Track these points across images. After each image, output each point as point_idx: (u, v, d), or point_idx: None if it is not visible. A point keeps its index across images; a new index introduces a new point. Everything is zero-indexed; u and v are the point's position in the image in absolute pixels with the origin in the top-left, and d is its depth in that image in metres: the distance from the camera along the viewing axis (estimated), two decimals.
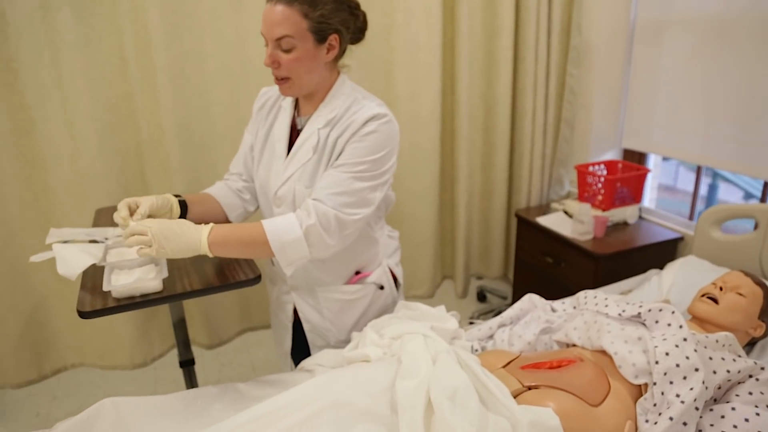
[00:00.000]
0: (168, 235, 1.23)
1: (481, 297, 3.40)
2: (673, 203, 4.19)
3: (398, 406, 1.14)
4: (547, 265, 2.60)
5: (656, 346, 1.26)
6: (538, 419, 1.06)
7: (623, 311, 1.42)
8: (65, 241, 1.60)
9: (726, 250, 2.04)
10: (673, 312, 1.35)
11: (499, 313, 1.65)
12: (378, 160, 1.36)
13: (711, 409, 1.25)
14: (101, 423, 1.20)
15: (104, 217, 1.94)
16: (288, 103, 1.52)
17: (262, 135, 1.54)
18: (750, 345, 1.58)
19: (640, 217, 2.63)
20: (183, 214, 1.49)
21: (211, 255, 1.29)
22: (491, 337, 1.59)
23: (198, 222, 1.33)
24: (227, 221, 1.61)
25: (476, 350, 1.54)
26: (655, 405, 1.21)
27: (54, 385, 2.70)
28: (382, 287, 1.63)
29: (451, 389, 1.09)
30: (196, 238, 1.26)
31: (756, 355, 1.56)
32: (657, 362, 1.23)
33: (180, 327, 1.87)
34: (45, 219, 2.19)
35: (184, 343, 1.89)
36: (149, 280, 1.36)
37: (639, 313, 1.37)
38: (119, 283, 1.35)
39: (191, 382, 1.93)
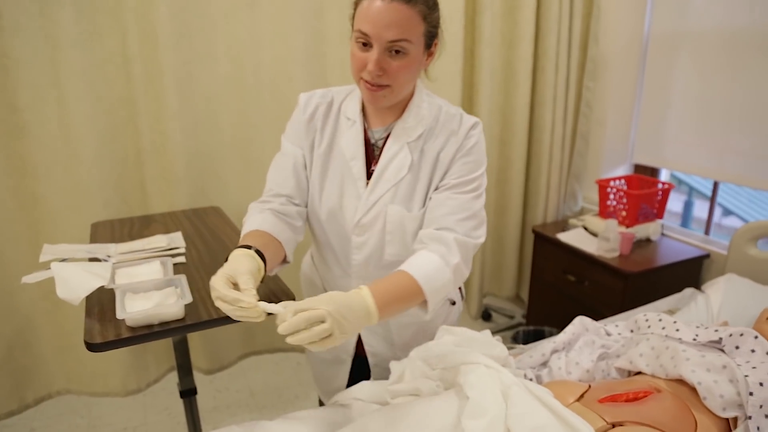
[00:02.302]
0: (344, 314, 0.94)
1: (486, 316, 3.26)
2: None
3: None
4: (568, 284, 2.48)
5: (746, 375, 1.13)
6: None
7: (697, 336, 1.29)
8: (63, 259, 1.43)
9: (764, 267, 1.95)
10: (756, 336, 1.23)
11: (514, 331, 1.50)
12: (484, 173, 1.25)
13: None
14: None
15: (102, 232, 1.76)
16: (353, 112, 1.28)
17: (323, 152, 1.29)
18: None
19: (662, 234, 2.54)
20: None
21: (375, 323, 1.02)
22: (545, 364, 1.45)
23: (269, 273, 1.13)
24: (284, 262, 1.28)
25: (531, 379, 1.39)
26: None
27: (33, 415, 2.47)
28: (453, 302, 1.47)
29: (539, 430, 0.94)
30: (364, 308, 0.99)
31: None
32: (751, 393, 1.10)
33: (181, 352, 1.69)
34: (34, 232, 1.99)
35: (185, 370, 1.71)
36: (170, 306, 1.19)
37: (720, 339, 1.25)
38: (135, 308, 1.18)
39: (192, 414, 1.75)
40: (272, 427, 1.27)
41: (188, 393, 1.74)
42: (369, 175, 1.26)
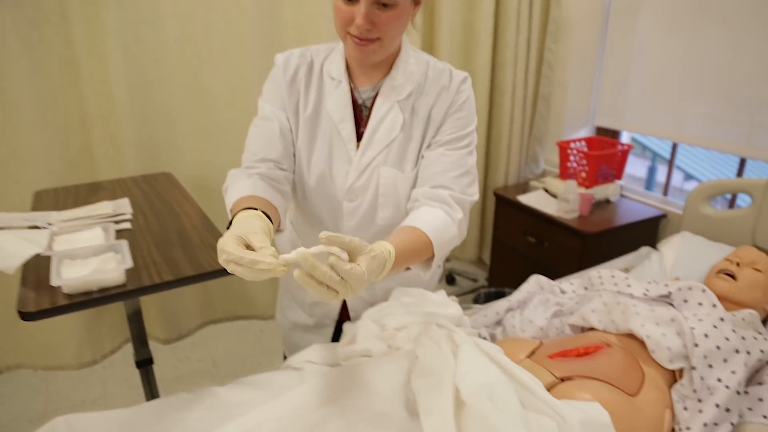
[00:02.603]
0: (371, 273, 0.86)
1: (450, 280, 3.28)
2: None
3: (420, 409, 0.98)
4: (528, 246, 2.50)
5: (693, 328, 1.15)
6: (588, 418, 0.92)
7: (647, 291, 1.30)
8: (0, 228, 1.36)
9: (718, 225, 1.98)
10: (703, 290, 1.24)
11: (474, 296, 1.50)
12: (475, 129, 1.21)
13: (746, 392, 1.16)
14: None
15: (45, 201, 1.68)
16: (337, 71, 1.20)
17: (309, 116, 1.21)
18: (762, 322, 1.51)
19: (621, 195, 2.56)
20: None
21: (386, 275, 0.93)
22: (499, 323, 1.45)
23: None
24: (278, 231, 1.18)
25: (484, 338, 1.39)
26: (695, 391, 1.10)
27: None
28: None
29: (487, 387, 0.94)
30: (383, 266, 0.90)
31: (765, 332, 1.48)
32: (696, 345, 1.12)
33: (135, 322, 1.65)
34: None
35: (140, 340, 1.67)
36: (109, 271, 1.14)
37: (669, 293, 1.26)
38: (72, 275, 1.13)
39: (149, 384, 1.71)
40: (223, 393, 1.24)
41: (144, 363, 1.70)
42: (359, 137, 1.21)
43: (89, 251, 1.22)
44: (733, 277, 1.42)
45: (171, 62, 2.05)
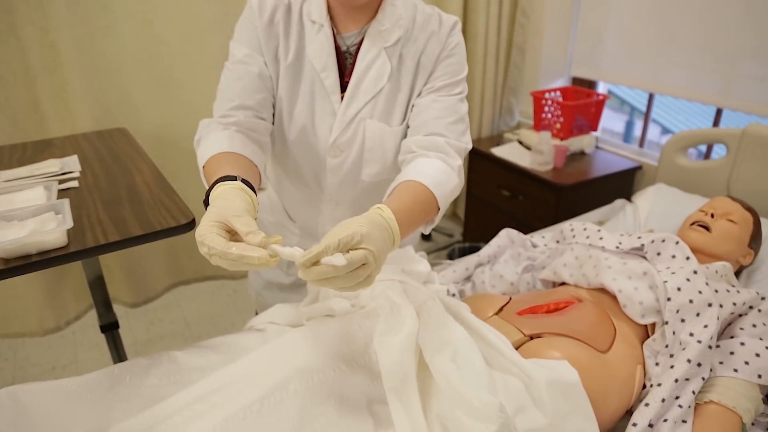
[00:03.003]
0: (380, 248, 0.77)
1: (425, 236, 3.24)
2: None
3: (383, 370, 0.94)
4: (502, 199, 2.45)
5: (666, 281, 1.11)
6: (556, 377, 0.88)
7: (620, 243, 1.26)
8: None
9: (693, 176, 1.95)
10: (677, 242, 1.20)
11: (448, 251, 1.45)
12: (466, 75, 1.16)
13: (718, 345, 1.13)
14: None
15: None
16: (318, 14, 1.08)
17: (291, 64, 1.10)
18: (735, 274, 1.49)
19: (597, 147, 2.51)
20: None
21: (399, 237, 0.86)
22: (468, 278, 1.41)
23: None
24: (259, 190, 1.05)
25: (453, 294, 1.35)
26: (666, 346, 1.07)
27: None
28: None
29: (450, 346, 0.89)
30: (391, 237, 0.83)
31: (742, 284, 1.46)
32: (669, 299, 1.08)
33: (97, 286, 1.58)
34: None
35: (104, 304, 1.61)
36: (48, 232, 1.06)
37: (642, 246, 1.22)
38: (6, 238, 1.04)
39: (116, 348, 1.66)
40: (181, 358, 1.18)
41: (109, 327, 1.65)
42: (343, 87, 1.11)
43: (27, 212, 1.13)
44: (707, 228, 1.38)
45: (119, 9, 1.90)
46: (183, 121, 2.06)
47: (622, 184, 2.34)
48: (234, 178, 0.87)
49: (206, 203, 0.86)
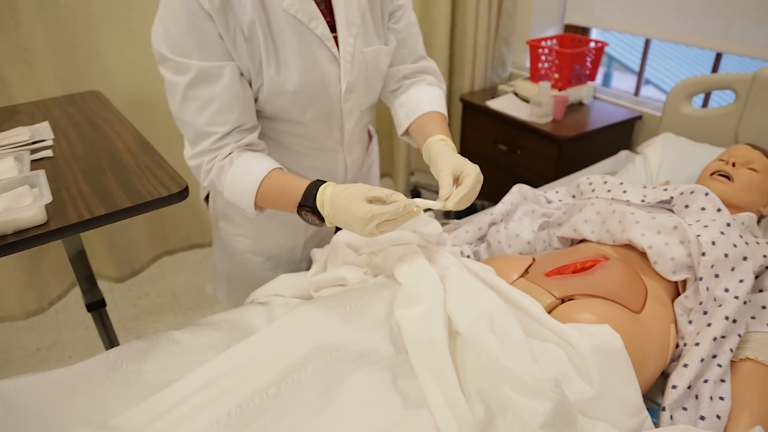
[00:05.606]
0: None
1: (416, 194, 3.15)
2: None
3: (408, 343, 0.86)
4: (500, 154, 2.36)
5: (699, 235, 1.04)
6: (600, 343, 0.81)
7: (645, 197, 1.19)
8: None
9: (698, 125, 1.87)
10: (706, 194, 1.13)
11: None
12: None
13: (749, 300, 1.08)
14: None
15: None
16: None
17: (264, 34, 0.97)
18: None
19: (594, 97, 2.42)
20: None
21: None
22: (482, 239, 1.33)
23: None
24: None
25: (468, 256, 1.27)
26: (700, 303, 1.01)
27: None
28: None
29: (486, 316, 0.81)
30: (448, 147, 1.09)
31: (762, 235, 1.41)
32: (704, 254, 1.02)
33: (79, 263, 1.47)
34: None
35: (87, 281, 1.50)
36: (24, 209, 0.95)
37: (671, 198, 1.14)
38: None
39: (104, 326, 1.56)
40: (181, 338, 1.09)
41: (95, 306, 1.54)
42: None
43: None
44: (729, 178, 1.32)
45: None
46: (160, 80, 1.89)
47: (622, 136, 2.26)
48: (320, 182, 0.95)
49: (305, 208, 0.94)
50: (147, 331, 2.22)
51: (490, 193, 1.92)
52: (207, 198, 1.33)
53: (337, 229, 1.32)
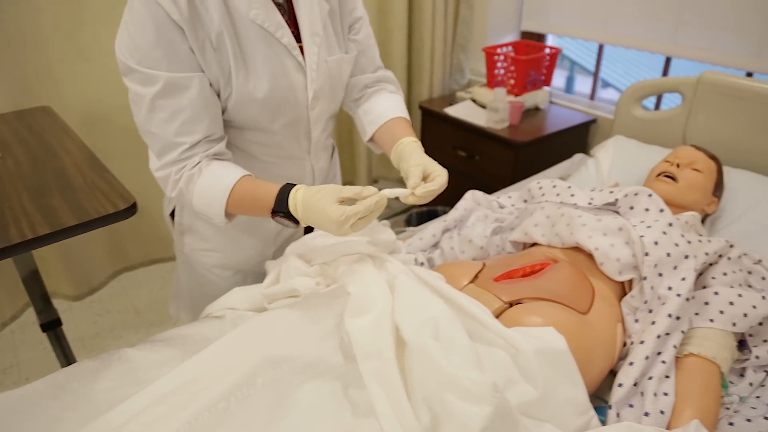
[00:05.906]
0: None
1: None
2: None
3: (358, 353, 0.87)
4: (459, 160, 2.39)
5: (642, 236, 1.07)
6: (544, 345, 0.83)
7: (592, 199, 1.22)
8: None
9: (649, 127, 1.93)
10: (650, 195, 1.16)
11: (406, 217, 1.39)
12: None
13: (693, 297, 1.11)
14: None
15: None
16: None
17: (232, 43, 0.98)
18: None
19: (550, 102, 2.47)
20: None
21: None
22: (436, 245, 1.34)
23: None
24: None
25: (422, 264, 1.29)
26: (645, 302, 1.04)
27: None
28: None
29: (431, 323, 0.82)
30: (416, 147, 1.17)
31: (707, 233, 1.46)
32: (647, 254, 1.05)
33: (32, 282, 1.44)
34: None
35: (42, 300, 1.47)
36: None
37: (615, 200, 1.17)
38: None
39: (61, 346, 1.53)
40: (134, 355, 1.07)
41: (51, 325, 1.51)
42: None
43: None
44: (673, 178, 1.36)
45: None
46: (114, 94, 1.87)
47: (577, 139, 2.32)
48: (290, 185, 0.98)
49: (279, 212, 0.97)
50: (108, 348, 2.15)
51: (450, 199, 1.93)
52: (173, 214, 1.30)
53: (307, 230, 1.33)
